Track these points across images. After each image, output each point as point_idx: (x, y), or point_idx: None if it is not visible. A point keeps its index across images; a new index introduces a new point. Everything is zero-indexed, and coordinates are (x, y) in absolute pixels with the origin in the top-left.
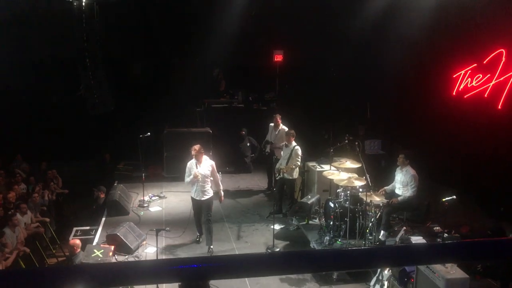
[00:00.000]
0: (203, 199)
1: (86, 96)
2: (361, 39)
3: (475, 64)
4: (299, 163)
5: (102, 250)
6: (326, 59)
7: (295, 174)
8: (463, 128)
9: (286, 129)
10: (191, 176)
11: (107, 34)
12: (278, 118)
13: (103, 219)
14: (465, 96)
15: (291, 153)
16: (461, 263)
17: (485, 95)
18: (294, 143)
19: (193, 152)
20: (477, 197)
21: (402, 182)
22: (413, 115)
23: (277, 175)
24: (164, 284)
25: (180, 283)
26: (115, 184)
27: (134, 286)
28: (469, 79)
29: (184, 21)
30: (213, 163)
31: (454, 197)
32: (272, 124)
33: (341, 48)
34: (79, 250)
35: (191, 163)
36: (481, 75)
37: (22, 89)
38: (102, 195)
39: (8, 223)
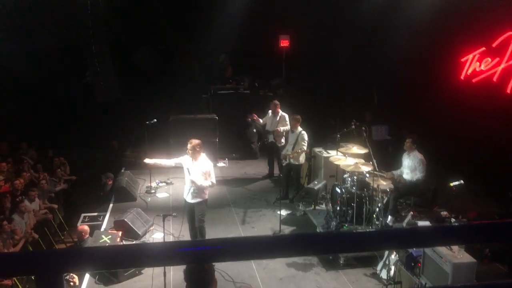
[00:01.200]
0: (195, 201)
1: (93, 83)
2: (368, 24)
3: (484, 48)
4: (305, 148)
5: (110, 236)
6: (332, 44)
7: (302, 159)
8: (471, 113)
9: (285, 114)
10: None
11: (113, 21)
12: (277, 105)
13: (111, 205)
14: (474, 80)
15: (297, 138)
16: (469, 245)
17: (494, 79)
18: (300, 128)
19: (188, 147)
20: (484, 182)
21: (409, 167)
22: (420, 100)
23: (284, 160)
24: (171, 267)
25: (185, 266)
26: (122, 171)
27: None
28: (478, 63)
29: (190, 6)
30: (210, 167)
31: (462, 182)
32: (270, 112)
33: (348, 33)
34: (87, 236)
35: (186, 159)
36: (489, 59)
37: (28, 77)
38: (110, 182)
39: (17, 210)
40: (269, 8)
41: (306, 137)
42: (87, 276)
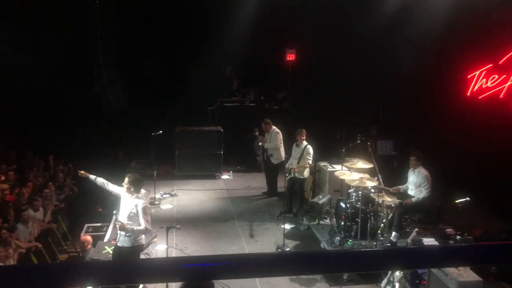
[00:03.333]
0: (126, 246)
1: (100, 93)
2: (375, 39)
3: (491, 65)
4: (310, 162)
5: (113, 247)
6: (339, 59)
7: (306, 173)
8: (478, 129)
9: (278, 131)
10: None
11: (121, 32)
12: (267, 124)
13: (114, 216)
14: (480, 97)
15: (303, 152)
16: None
17: (501, 96)
18: (305, 142)
19: (126, 181)
20: (491, 199)
21: (414, 183)
22: (426, 115)
23: (287, 174)
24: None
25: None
26: None
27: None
28: (484, 79)
29: (197, 19)
30: (144, 205)
31: (468, 198)
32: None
33: (354, 48)
34: (90, 246)
35: (120, 190)
36: (496, 76)
37: (37, 87)
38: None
39: (21, 219)
40: (276, 22)
41: (311, 151)
42: None
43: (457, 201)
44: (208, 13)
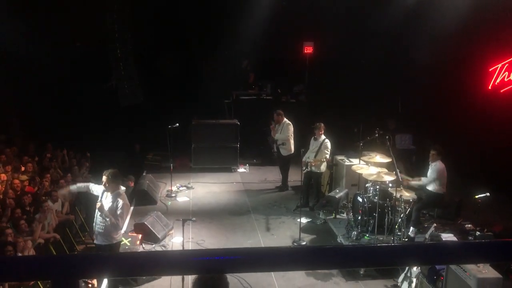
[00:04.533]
0: (104, 244)
1: (117, 87)
2: (393, 31)
3: None
4: (327, 157)
5: (130, 239)
6: (356, 52)
7: (323, 167)
8: (498, 124)
9: (289, 123)
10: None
11: (138, 26)
12: (279, 115)
13: (132, 208)
14: (502, 91)
15: (320, 146)
16: (496, 263)
17: None
18: (323, 136)
19: (104, 179)
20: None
21: (430, 178)
22: (446, 109)
23: (304, 168)
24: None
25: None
26: (144, 174)
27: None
28: (506, 73)
29: (214, 12)
30: (123, 203)
31: (488, 194)
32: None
33: (372, 40)
34: None
35: (100, 189)
36: None
37: (54, 80)
38: (131, 184)
39: (40, 210)
40: (294, 14)
41: (329, 145)
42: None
43: (476, 197)
44: (225, 5)
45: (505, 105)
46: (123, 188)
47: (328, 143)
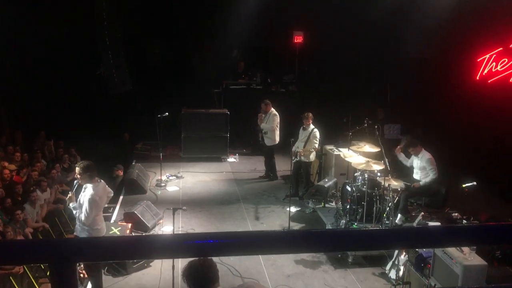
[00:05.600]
0: (79, 236)
1: (106, 75)
2: (383, 21)
3: (501, 48)
4: (316, 146)
5: (120, 228)
6: (346, 41)
7: (312, 157)
8: (486, 114)
9: (276, 113)
10: (71, 204)
11: (127, 14)
12: (267, 104)
13: (121, 197)
14: (489, 81)
15: (309, 135)
16: (479, 247)
17: (510, 80)
18: (312, 126)
19: (76, 170)
20: (498, 184)
21: (419, 167)
22: (434, 99)
23: (294, 158)
24: (179, 261)
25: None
26: (133, 163)
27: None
28: (494, 63)
29: (204, 1)
30: (90, 197)
31: (475, 183)
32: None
33: (362, 30)
34: None
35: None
36: (506, 59)
37: (42, 68)
38: (121, 173)
39: (28, 199)
40: (283, 4)
41: (318, 135)
42: None
43: (464, 186)
44: None
45: (493, 96)
46: (101, 181)
47: (317, 132)
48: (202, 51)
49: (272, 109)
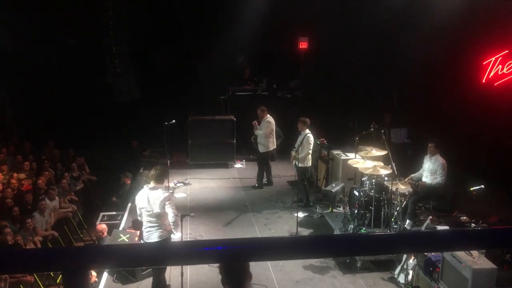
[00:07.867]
0: (149, 240)
1: (113, 83)
2: (388, 25)
3: (507, 51)
4: (310, 151)
5: (128, 235)
6: (351, 47)
7: (307, 162)
8: (493, 117)
9: (270, 120)
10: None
11: (133, 22)
12: (263, 111)
13: (129, 204)
14: (495, 84)
15: (302, 140)
16: (489, 251)
17: None
18: (307, 131)
19: (152, 173)
20: (506, 186)
21: (430, 170)
22: (440, 103)
23: (293, 163)
24: (188, 268)
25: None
26: (141, 171)
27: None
28: (500, 66)
29: (209, 8)
30: (166, 195)
31: (482, 186)
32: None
33: (367, 35)
34: (105, 234)
35: (141, 193)
36: None
37: (49, 78)
38: (128, 181)
39: (37, 208)
40: (289, 10)
41: (311, 139)
42: (105, 275)
43: (471, 189)
44: (221, 1)
45: (499, 98)
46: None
47: (310, 137)
48: (208, 58)
49: (268, 115)
